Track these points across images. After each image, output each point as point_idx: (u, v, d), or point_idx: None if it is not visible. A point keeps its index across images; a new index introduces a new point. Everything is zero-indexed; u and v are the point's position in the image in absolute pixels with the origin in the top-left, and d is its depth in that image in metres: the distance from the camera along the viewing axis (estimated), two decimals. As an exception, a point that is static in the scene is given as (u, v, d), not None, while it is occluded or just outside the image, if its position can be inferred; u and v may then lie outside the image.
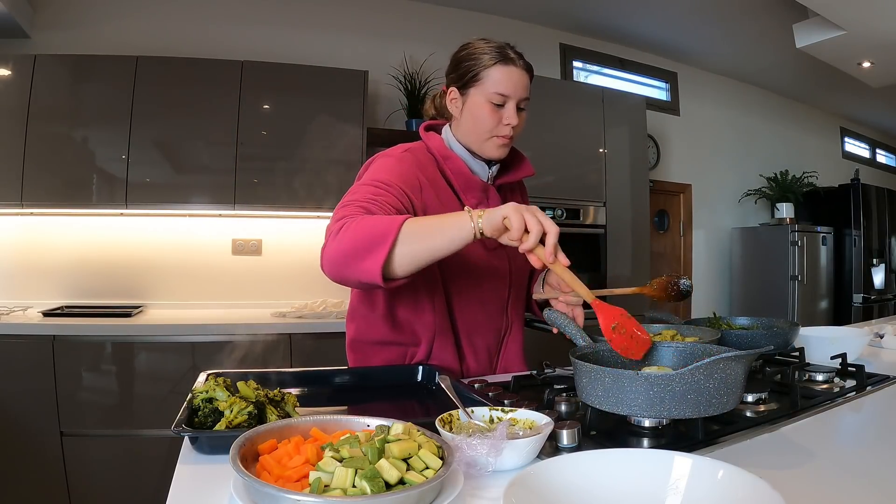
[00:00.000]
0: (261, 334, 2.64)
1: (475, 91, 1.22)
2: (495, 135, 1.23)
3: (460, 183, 1.27)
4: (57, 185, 2.74)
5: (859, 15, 3.28)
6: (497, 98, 1.20)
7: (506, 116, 1.21)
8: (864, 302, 5.19)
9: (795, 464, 0.77)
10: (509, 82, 1.20)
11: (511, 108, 1.21)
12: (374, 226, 0.97)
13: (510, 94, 1.20)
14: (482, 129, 1.23)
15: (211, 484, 0.69)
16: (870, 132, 6.84)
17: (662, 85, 4.86)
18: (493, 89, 1.20)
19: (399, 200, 1.11)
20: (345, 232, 0.99)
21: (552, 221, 0.92)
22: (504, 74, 1.20)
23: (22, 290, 2.95)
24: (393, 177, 1.15)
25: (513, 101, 1.21)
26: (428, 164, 1.26)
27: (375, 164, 1.22)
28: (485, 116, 1.21)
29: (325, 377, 1.21)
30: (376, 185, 1.12)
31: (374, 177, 1.15)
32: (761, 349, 0.89)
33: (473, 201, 1.27)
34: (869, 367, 1.23)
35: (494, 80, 1.20)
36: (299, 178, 3.03)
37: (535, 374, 1.25)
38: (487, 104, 1.21)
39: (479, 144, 1.26)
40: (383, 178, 1.14)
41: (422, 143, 1.31)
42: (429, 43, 3.70)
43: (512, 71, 1.20)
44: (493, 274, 1.31)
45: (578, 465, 0.64)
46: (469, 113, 1.24)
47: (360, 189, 1.12)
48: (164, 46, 3.11)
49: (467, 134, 1.26)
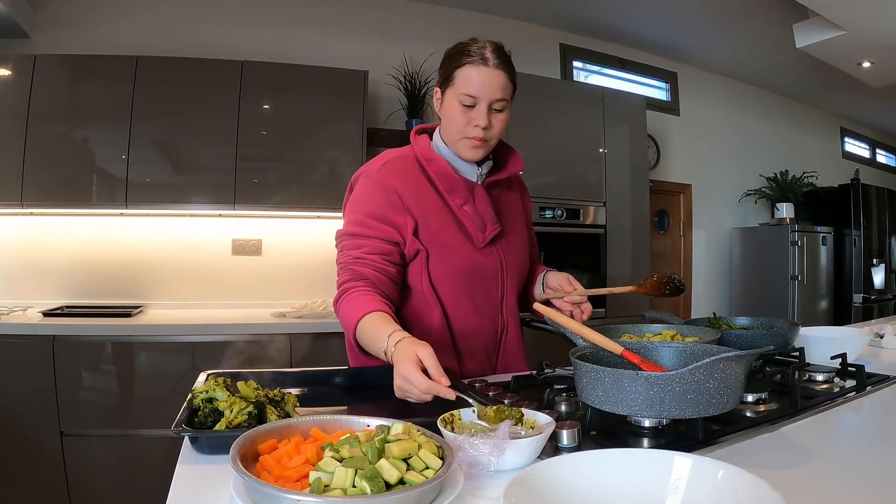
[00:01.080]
0: (261, 334, 2.64)
1: (449, 91, 1.23)
2: (465, 136, 1.23)
3: (444, 184, 1.26)
4: (57, 185, 2.73)
5: (859, 15, 3.28)
6: (466, 99, 1.19)
7: (474, 118, 1.20)
8: (864, 302, 5.19)
9: (795, 464, 0.77)
10: (477, 83, 1.18)
11: (481, 110, 1.19)
12: (345, 324, 1.16)
13: (478, 95, 1.19)
14: (453, 129, 1.24)
15: (211, 484, 0.69)
16: (870, 132, 6.84)
17: (662, 85, 4.86)
18: (462, 90, 1.19)
19: (382, 241, 1.22)
20: (338, 311, 1.19)
21: (419, 380, 0.91)
22: (473, 74, 1.18)
23: (22, 290, 2.95)
24: (373, 208, 1.23)
25: (483, 101, 1.19)
26: (411, 170, 1.27)
27: (357, 190, 1.28)
28: (455, 117, 1.21)
29: (325, 377, 1.21)
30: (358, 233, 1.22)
31: (354, 219, 1.24)
32: (761, 349, 0.89)
33: (459, 201, 1.27)
34: (869, 367, 1.23)
35: (463, 80, 1.19)
36: (299, 178, 3.03)
37: (535, 374, 1.25)
38: (457, 104, 1.20)
39: (453, 145, 1.27)
40: (362, 218, 1.23)
41: (409, 147, 1.32)
42: (429, 43, 3.70)
43: (482, 71, 1.18)
44: (484, 273, 1.31)
45: (578, 465, 0.64)
46: (444, 113, 1.25)
47: (347, 245, 1.23)
48: (164, 46, 3.11)
49: (445, 134, 1.28)
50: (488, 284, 1.33)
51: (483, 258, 1.30)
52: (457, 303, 1.29)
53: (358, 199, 1.26)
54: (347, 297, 1.15)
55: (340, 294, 1.18)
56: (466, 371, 1.33)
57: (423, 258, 1.24)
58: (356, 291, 1.15)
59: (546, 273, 1.44)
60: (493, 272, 1.32)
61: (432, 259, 1.25)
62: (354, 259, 1.20)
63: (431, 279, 1.26)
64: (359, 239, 1.21)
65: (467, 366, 1.33)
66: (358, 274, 1.18)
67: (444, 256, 1.25)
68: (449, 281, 1.27)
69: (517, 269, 1.38)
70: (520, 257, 1.39)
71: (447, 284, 1.27)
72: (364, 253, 1.20)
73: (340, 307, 1.17)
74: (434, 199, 1.26)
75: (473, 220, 1.28)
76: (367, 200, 1.23)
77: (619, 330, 1.31)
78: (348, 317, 1.13)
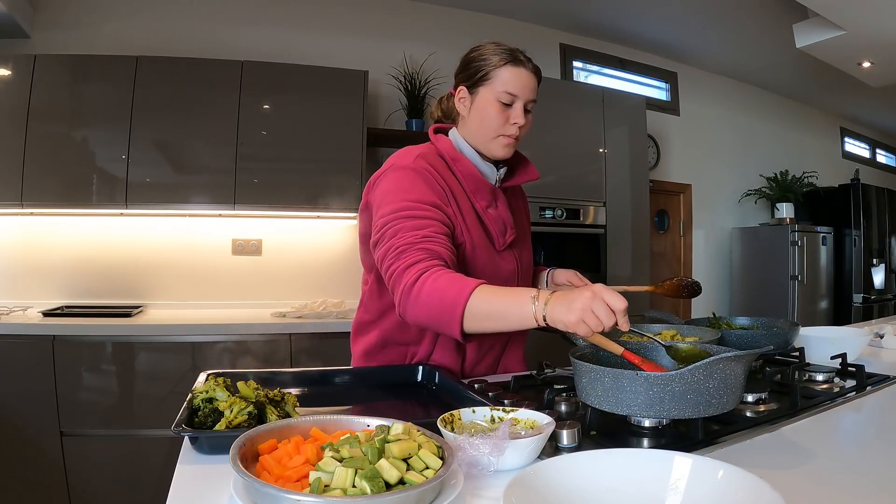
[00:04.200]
0: (261, 334, 2.64)
1: (484, 90, 1.24)
2: (502, 134, 1.24)
3: (470, 185, 1.27)
4: (57, 185, 2.74)
5: (859, 15, 3.28)
6: (506, 97, 1.22)
7: (513, 116, 1.23)
8: (864, 302, 5.19)
9: (795, 464, 0.77)
10: (518, 82, 1.22)
11: (519, 108, 1.23)
12: (442, 298, 1.01)
13: (518, 94, 1.22)
14: (489, 127, 1.24)
15: (211, 484, 0.69)
16: (870, 132, 6.84)
17: (662, 85, 4.86)
18: (503, 88, 1.22)
19: (441, 223, 1.14)
20: (418, 295, 1.04)
21: (618, 298, 0.89)
22: (514, 74, 1.22)
23: (22, 290, 2.95)
24: (421, 195, 1.16)
25: (521, 101, 1.23)
26: (440, 167, 1.25)
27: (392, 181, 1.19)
28: (493, 115, 1.23)
29: (325, 377, 1.21)
30: (416, 215, 1.13)
31: (403, 205, 1.13)
32: (761, 349, 0.89)
33: (483, 203, 1.28)
34: (869, 367, 1.23)
35: (504, 80, 1.22)
36: (299, 178, 3.03)
37: (534, 374, 1.25)
38: (496, 103, 1.23)
39: (485, 143, 1.27)
40: (412, 203, 1.14)
41: (430, 145, 1.30)
42: (429, 43, 3.70)
43: (521, 72, 1.23)
44: (501, 275, 1.31)
45: (578, 465, 0.64)
46: (477, 111, 1.25)
47: (405, 227, 1.11)
48: (164, 46, 3.12)
49: (474, 133, 1.27)
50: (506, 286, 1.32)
51: (502, 261, 1.31)
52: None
53: (399, 187, 1.17)
54: (436, 274, 1.04)
55: (420, 273, 1.04)
56: (469, 369, 1.33)
57: (462, 252, 1.22)
58: (441, 269, 1.06)
59: (552, 270, 1.46)
60: (510, 275, 1.33)
61: (468, 254, 1.23)
62: (423, 238, 1.09)
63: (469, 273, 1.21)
64: (419, 220, 1.12)
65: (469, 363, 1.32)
66: (433, 253, 1.08)
67: (473, 256, 1.24)
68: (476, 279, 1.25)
69: (528, 272, 1.41)
70: (530, 260, 1.42)
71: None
72: (432, 232, 1.11)
73: (427, 286, 1.03)
74: (462, 198, 1.26)
75: (496, 223, 1.29)
76: (412, 188, 1.17)
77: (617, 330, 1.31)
78: (453, 289, 1.01)
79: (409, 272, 1.06)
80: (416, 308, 1.05)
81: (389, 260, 1.10)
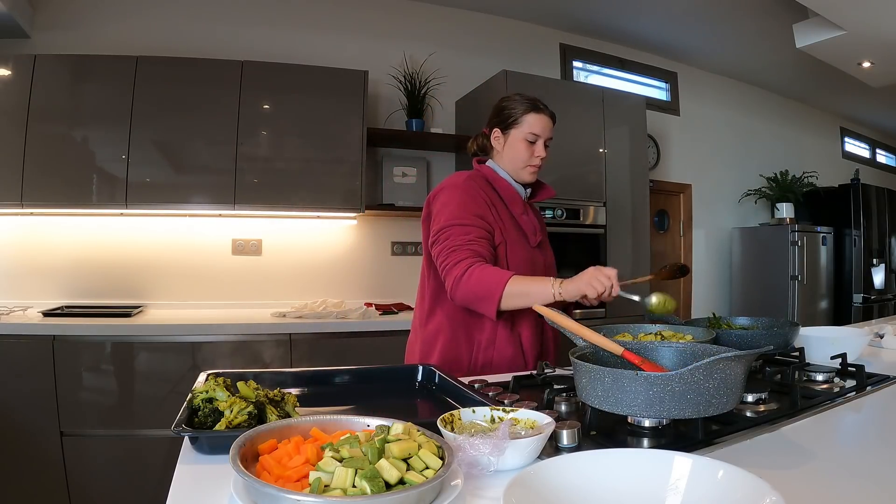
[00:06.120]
0: (261, 334, 2.64)
1: (515, 131, 1.61)
2: (529, 164, 1.62)
3: (509, 198, 1.62)
4: (57, 185, 2.73)
5: (859, 15, 3.28)
6: (531, 136, 1.60)
7: (537, 150, 1.61)
8: (864, 302, 5.19)
9: (795, 464, 0.77)
10: (540, 125, 1.60)
11: (540, 145, 1.61)
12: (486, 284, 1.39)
13: (540, 134, 1.60)
14: (519, 159, 1.61)
15: (211, 484, 0.69)
16: (870, 132, 6.83)
17: (662, 85, 4.86)
18: (529, 130, 1.60)
19: (483, 230, 1.51)
20: (466, 281, 1.41)
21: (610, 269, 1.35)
22: (536, 119, 1.60)
23: (22, 290, 2.95)
24: (469, 208, 1.51)
25: (542, 139, 1.61)
26: (484, 186, 1.60)
27: (447, 198, 1.54)
28: (522, 150, 1.61)
29: (325, 377, 1.21)
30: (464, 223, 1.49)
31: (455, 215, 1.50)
32: (761, 349, 0.89)
33: (519, 211, 1.62)
34: (869, 367, 1.23)
35: (529, 124, 1.60)
36: (299, 178, 3.03)
37: (534, 374, 1.25)
38: (524, 141, 1.60)
39: (516, 171, 1.64)
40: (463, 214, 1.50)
41: (476, 171, 1.65)
42: (429, 43, 3.71)
43: (542, 118, 1.61)
44: (537, 265, 1.63)
45: (578, 465, 0.64)
46: (510, 148, 1.62)
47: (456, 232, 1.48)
48: (164, 46, 3.12)
49: (508, 163, 1.64)
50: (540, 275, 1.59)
51: (536, 254, 1.65)
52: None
53: (452, 201, 1.52)
54: (480, 268, 1.41)
55: (467, 267, 1.41)
56: (526, 353, 1.55)
57: (504, 248, 1.55)
58: (484, 264, 1.42)
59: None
60: (543, 266, 1.67)
61: (509, 249, 1.56)
62: (469, 241, 1.46)
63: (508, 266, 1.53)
64: (466, 227, 1.48)
65: (529, 354, 1.55)
66: (476, 252, 1.45)
67: (514, 249, 1.57)
68: (519, 268, 1.54)
69: (552, 270, 1.72)
70: (552, 261, 1.76)
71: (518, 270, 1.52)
72: (475, 237, 1.47)
73: (474, 275, 1.40)
74: (503, 208, 1.61)
75: (528, 226, 1.63)
76: (462, 202, 1.52)
77: (614, 330, 1.34)
78: (494, 277, 1.38)
79: (459, 265, 1.42)
80: (464, 291, 1.41)
81: (443, 256, 1.47)
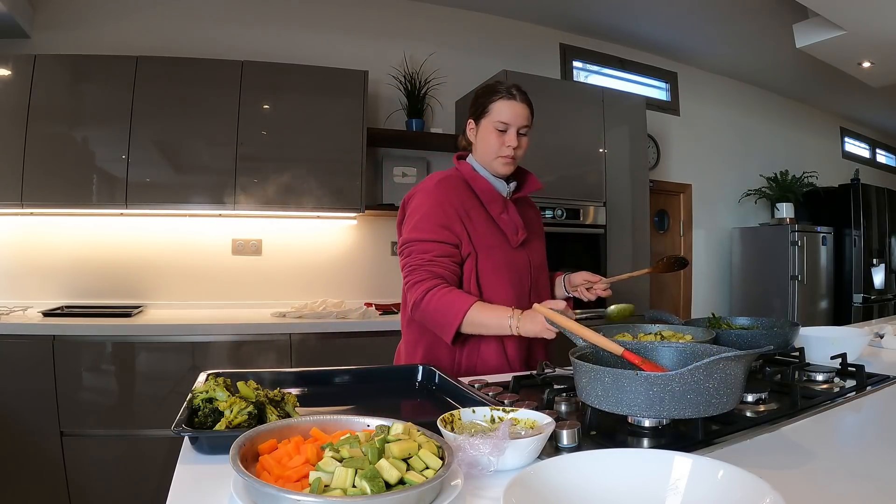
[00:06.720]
0: (261, 334, 2.64)
1: (485, 121, 1.53)
2: (499, 155, 1.52)
3: (486, 197, 1.54)
4: (57, 185, 2.73)
5: (859, 15, 3.28)
6: (500, 125, 1.50)
7: (507, 140, 1.50)
8: (864, 302, 5.19)
9: (795, 464, 0.77)
10: (510, 112, 1.50)
11: (511, 134, 1.50)
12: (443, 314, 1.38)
13: (510, 122, 1.50)
14: (489, 150, 1.52)
15: (211, 484, 0.69)
16: (870, 132, 6.83)
17: (662, 85, 4.86)
18: (497, 118, 1.50)
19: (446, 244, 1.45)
20: (425, 307, 1.40)
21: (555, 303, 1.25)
22: (506, 107, 1.50)
23: (22, 290, 2.95)
24: (435, 218, 1.46)
25: (513, 127, 1.50)
26: (459, 186, 1.54)
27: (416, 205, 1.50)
28: (493, 140, 1.51)
29: (325, 377, 1.21)
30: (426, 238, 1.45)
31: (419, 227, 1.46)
32: (761, 349, 0.89)
33: (497, 210, 1.54)
34: (869, 367, 1.23)
35: (498, 111, 1.50)
36: (299, 178, 3.03)
37: (535, 374, 1.25)
38: (494, 131, 1.51)
39: (489, 163, 1.55)
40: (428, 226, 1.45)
41: (454, 169, 1.59)
42: (429, 43, 3.71)
43: (512, 104, 1.50)
44: (518, 268, 1.56)
45: (578, 465, 0.64)
46: (481, 139, 1.55)
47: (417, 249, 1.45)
48: (164, 46, 3.12)
49: (480, 155, 1.56)
50: (522, 277, 1.58)
51: (517, 255, 1.57)
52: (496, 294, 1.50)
53: (419, 211, 1.48)
54: (439, 292, 1.39)
55: (427, 290, 1.40)
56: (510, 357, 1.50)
57: (473, 259, 1.49)
58: (444, 288, 1.40)
59: (567, 275, 1.71)
60: (524, 267, 1.59)
61: (480, 258, 1.50)
62: (428, 261, 1.43)
63: (479, 275, 1.50)
64: (427, 244, 1.45)
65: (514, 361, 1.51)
66: (435, 273, 1.42)
67: (489, 255, 1.51)
68: (494, 274, 1.51)
69: (540, 267, 1.65)
70: (541, 258, 1.68)
71: (492, 277, 1.51)
72: (435, 256, 1.44)
73: (434, 301, 1.39)
74: (479, 210, 1.53)
75: (509, 225, 1.55)
76: (428, 212, 1.47)
77: (614, 330, 1.34)
78: (455, 305, 1.37)
79: (418, 287, 1.41)
80: (422, 315, 1.42)
81: (405, 273, 1.46)
